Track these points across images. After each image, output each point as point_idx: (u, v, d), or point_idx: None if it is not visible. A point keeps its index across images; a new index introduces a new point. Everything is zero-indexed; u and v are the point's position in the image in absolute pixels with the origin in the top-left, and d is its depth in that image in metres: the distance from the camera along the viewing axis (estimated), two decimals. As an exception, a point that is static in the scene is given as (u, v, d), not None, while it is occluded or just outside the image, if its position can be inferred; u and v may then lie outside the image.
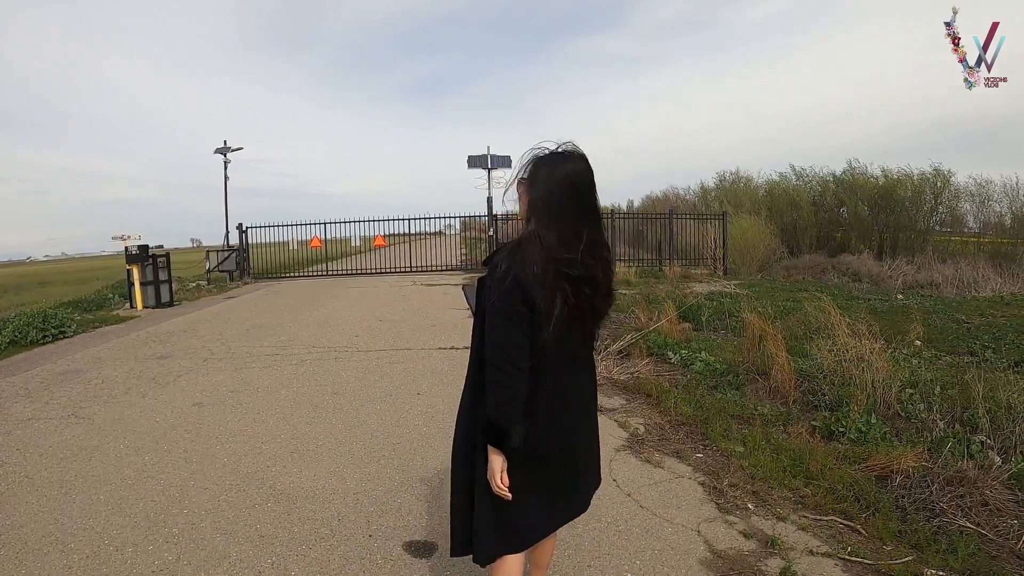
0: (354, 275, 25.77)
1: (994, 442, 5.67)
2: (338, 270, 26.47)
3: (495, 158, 27.09)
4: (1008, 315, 13.65)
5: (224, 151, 27.18)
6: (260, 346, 10.78)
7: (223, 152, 27.19)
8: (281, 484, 5.13)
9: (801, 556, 4.02)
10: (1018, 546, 4.17)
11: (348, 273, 26.11)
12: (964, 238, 30.46)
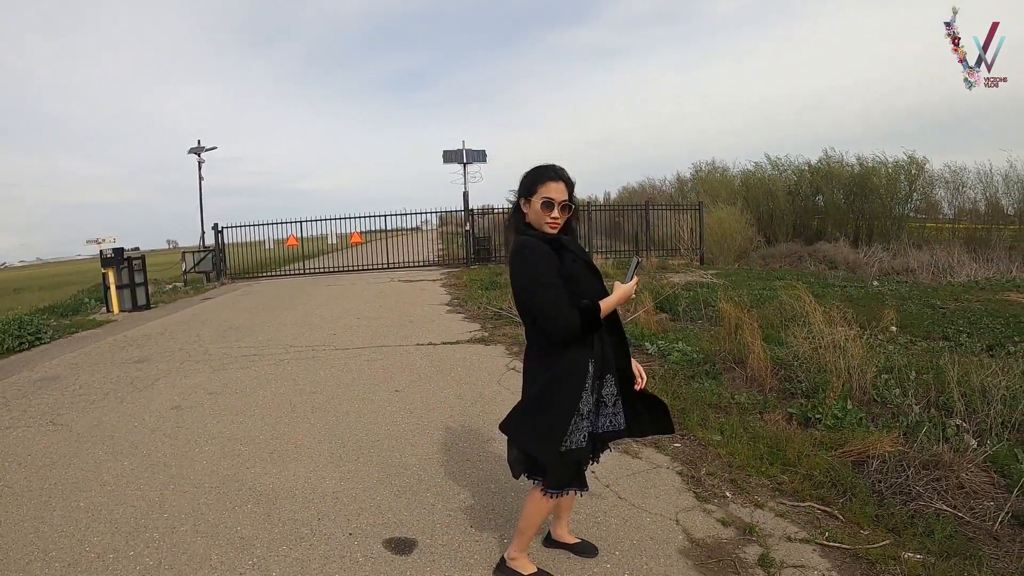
0: (331, 273, 25.73)
1: (969, 425, 5.72)
2: (315, 268, 26.38)
3: (470, 152, 27.06)
4: (983, 300, 13.77)
5: (198, 151, 27.06)
6: (238, 347, 10.75)
7: (197, 152, 27.07)
8: (260, 485, 5.11)
9: (779, 542, 4.04)
10: (995, 527, 4.21)
11: (325, 271, 26.05)
12: (939, 224, 30.71)
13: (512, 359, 9.13)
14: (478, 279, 19.25)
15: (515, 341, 10.21)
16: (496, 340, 10.48)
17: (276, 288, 21.28)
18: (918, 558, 3.82)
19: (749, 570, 3.76)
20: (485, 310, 13.32)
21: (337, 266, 26.23)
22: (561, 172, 3.32)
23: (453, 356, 9.47)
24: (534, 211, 3.27)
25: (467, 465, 5.39)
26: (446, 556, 3.95)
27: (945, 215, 31.30)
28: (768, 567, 3.76)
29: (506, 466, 4.47)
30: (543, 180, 3.26)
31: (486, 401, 7.18)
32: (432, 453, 5.68)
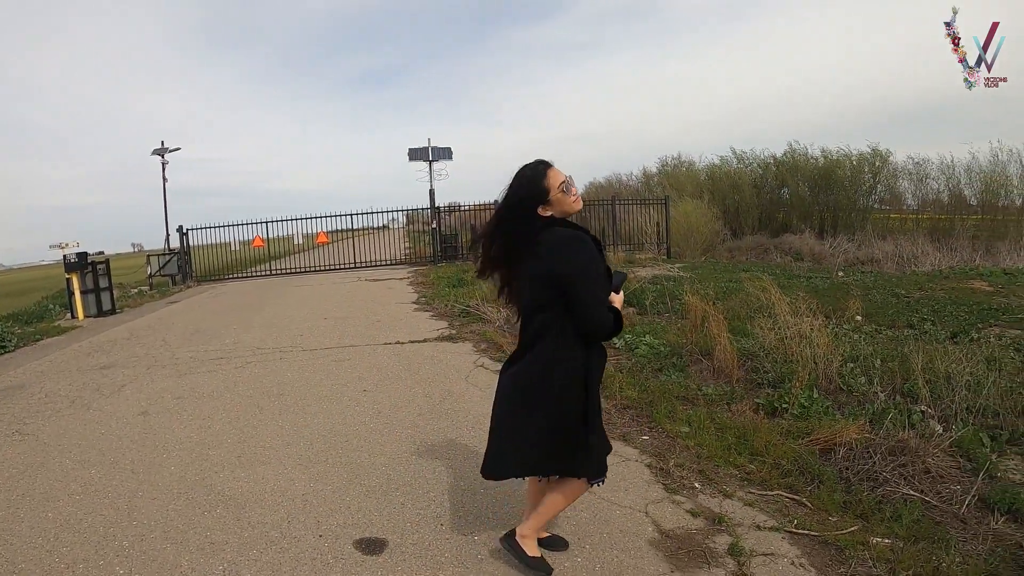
0: (298, 273, 25.61)
1: (934, 411, 5.79)
2: (282, 269, 26.25)
3: (436, 150, 27.02)
4: (946, 288, 13.91)
5: (161, 152, 26.75)
6: (204, 350, 10.67)
7: (160, 153, 26.75)
8: (229, 489, 5.08)
9: (748, 531, 4.07)
10: (962, 510, 4.26)
11: (292, 272, 25.92)
12: (903, 215, 31.02)
13: (480, 356, 9.16)
14: (445, 277, 19.21)
15: (482, 338, 10.22)
16: (464, 338, 10.47)
17: (242, 290, 21.15)
18: (886, 543, 3.86)
19: (719, 560, 3.78)
20: (452, 308, 13.30)
21: (304, 267, 26.11)
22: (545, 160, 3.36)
23: (421, 354, 9.46)
24: (557, 202, 3.26)
25: (436, 463, 5.38)
26: (416, 555, 3.94)
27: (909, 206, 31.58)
28: (738, 556, 3.79)
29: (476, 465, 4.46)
30: (544, 174, 3.28)
31: (454, 399, 7.17)
32: (401, 452, 5.67)
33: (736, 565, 3.72)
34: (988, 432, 5.38)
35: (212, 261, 26.08)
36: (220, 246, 26.05)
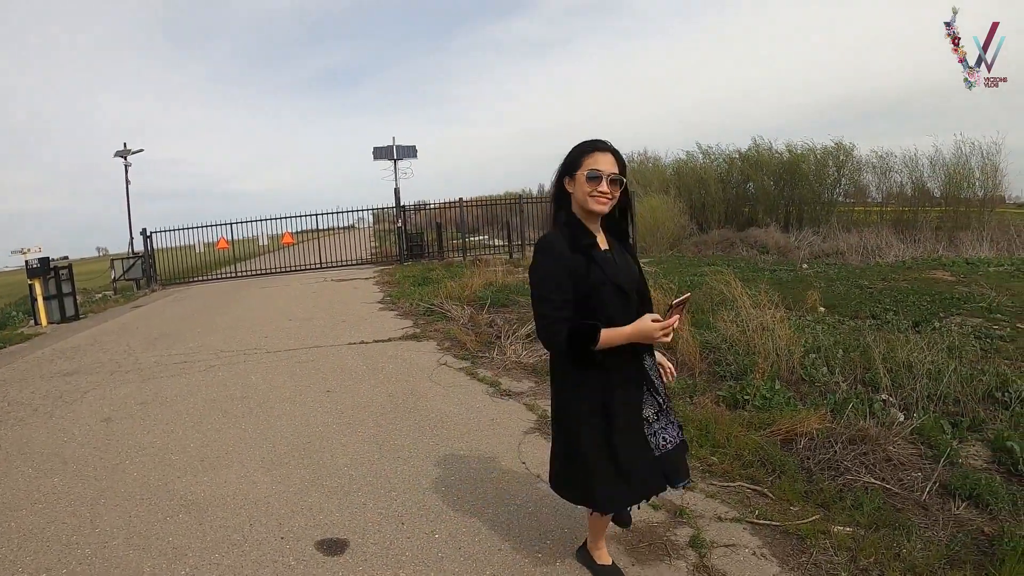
0: (264, 275, 25.36)
1: (895, 400, 5.83)
2: (247, 271, 25.98)
3: (400, 148, 26.85)
4: (909, 279, 14.06)
5: (124, 154, 26.36)
6: (168, 355, 10.56)
7: (123, 155, 26.36)
8: (192, 494, 5.03)
9: (710, 523, 4.08)
10: (923, 497, 4.29)
11: (257, 273, 25.67)
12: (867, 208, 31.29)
13: (443, 354, 9.14)
14: (411, 275, 19.21)
15: (446, 336, 10.21)
16: (428, 336, 10.46)
17: (207, 293, 20.95)
18: (847, 531, 3.88)
19: (680, 552, 3.79)
20: (417, 306, 13.26)
21: (270, 268, 25.86)
22: (609, 145, 3.06)
23: (385, 354, 9.43)
24: (579, 187, 3.02)
25: (398, 463, 5.36)
26: (378, 555, 3.93)
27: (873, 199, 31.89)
28: (699, 548, 3.80)
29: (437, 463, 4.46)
30: (589, 151, 3.03)
31: (417, 398, 7.15)
32: (363, 452, 5.64)
33: (697, 557, 3.73)
34: (949, 419, 5.44)
35: (177, 264, 25.69)
36: (185, 249, 25.72)
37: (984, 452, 5.01)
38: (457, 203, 26.67)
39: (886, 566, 3.52)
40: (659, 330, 2.87)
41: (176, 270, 25.57)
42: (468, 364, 8.39)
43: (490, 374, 7.89)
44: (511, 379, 7.63)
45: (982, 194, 26.66)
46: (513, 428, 6.06)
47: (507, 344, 8.90)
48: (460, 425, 6.22)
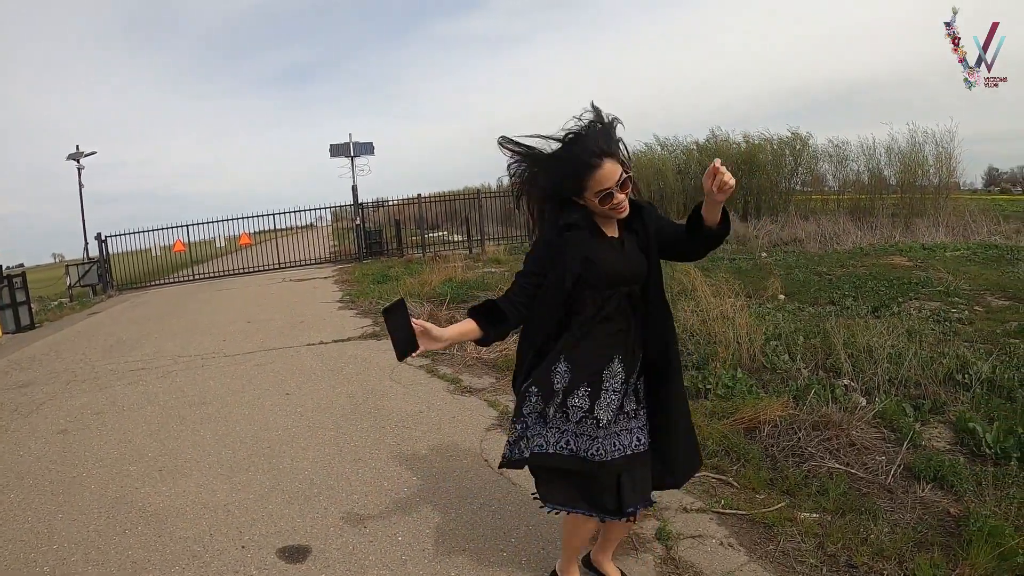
0: (221, 277, 25.10)
1: (857, 384, 5.87)
2: (205, 274, 25.65)
3: (357, 145, 26.62)
4: (868, 265, 14.19)
5: (77, 156, 25.91)
6: (124, 362, 10.40)
7: (76, 158, 25.92)
8: (151, 505, 4.92)
9: (676, 515, 4.07)
10: (888, 480, 4.32)
11: (215, 276, 25.37)
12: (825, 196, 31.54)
13: (403, 352, 8.98)
14: (370, 273, 19.12)
15: (407, 334, 10.03)
16: (388, 334, 10.23)
17: (164, 297, 20.71)
18: (814, 517, 3.90)
19: (647, 545, 3.78)
20: (376, 304, 13.21)
21: (228, 270, 25.55)
22: (606, 147, 2.73)
23: (344, 354, 9.37)
24: (591, 203, 2.78)
25: (358, 465, 5.30)
26: (340, 560, 3.87)
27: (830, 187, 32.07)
28: (665, 540, 3.79)
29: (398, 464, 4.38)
30: (588, 170, 2.70)
31: (377, 398, 7.09)
32: (324, 455, 5.58)
33: (664, 549, 3.72)
34: (911, 402, 5.48)
35: (133, 269, 25.39)
36: (141, 253, 25.37)
37: (947, 434, 5.06)
38: (416, 199, 26.58)
39: (854, 551, 3.52)
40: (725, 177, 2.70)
41: (133, 275, 25.23)
42: (428, 362, 8.32)
43: (450, 371, 7.85)
44: (472, 375, 7.61)
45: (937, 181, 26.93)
46: (475, 425, 6.03)
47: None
48: (421, 424, 6.18)
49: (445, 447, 5.55)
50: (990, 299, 10.06)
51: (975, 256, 15.33)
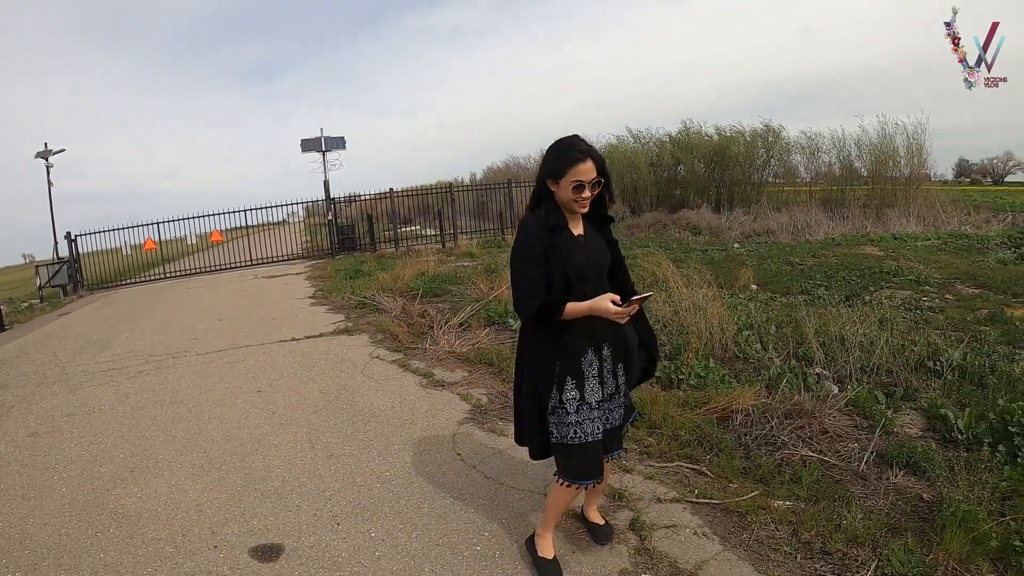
0: (193, 275, 24.75)
1: (829, 373, 5.91)
2: (176, 272, 25.24)
3: (329, 140, 26.42)
4: (839, 255, 14.30)
5: (45, 155, 25.50)
6: (95, 362, 10.28)
7: (44, 156, 25.49)
8: (122, 507, 4.88)
9: (649, 505, 4.09)
10: (860, 467, 4.35)
11: (187, 274, 25.01)
12: (797, 188, 31.75)
13: (375, 347, 9.07)
14: (342, 269, 18.99)
15: (379, 329, 10.12)
16: (360, 330, 10.36)
17: (136, 296, 20.45)
18: (787, 505, 3.92)
19: (621, 535, 3.79)
20: (349, 300, 13.17)
21: (199, 267, 25.21)
22: (590, 150, 3.22)
23: (316, 350, 9.31)
24: (564, 192, 3.22)
25: (332, 461, 5.27)
26: (313, 558, 3.85)
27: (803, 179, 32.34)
28: (639, 531, 3.81)
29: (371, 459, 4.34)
30: (573, 163, 3.17)
31: (349, 393, 7.06)
32: (296, 452, 5.54)
33: (638, 540, 3.74)
34: (883, 390, 5.54)
35: (104, 268, 25.02)
36: (111, 252, 25.04)
37: (919, 420, 5.10)
38: (388, 194, 26.49)
39: (828, 537, 3.55)
40: (614, 312, 3.03)
41: (103, 274, 24.88)
42: (401, 356, 8.32)
43: (423, 365, 7.83)
44: (444, 369, 7.58)
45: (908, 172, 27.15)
46: (447, 419, 6.01)
47: (440, 334, 8.81)
48: (394, 419, 6.16)
49: (418, 442, 5.53)
50: (960, 287, 10.18)
51: (945, 246, 15.52)
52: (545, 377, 3.26)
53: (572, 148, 3.20)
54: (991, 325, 7.58)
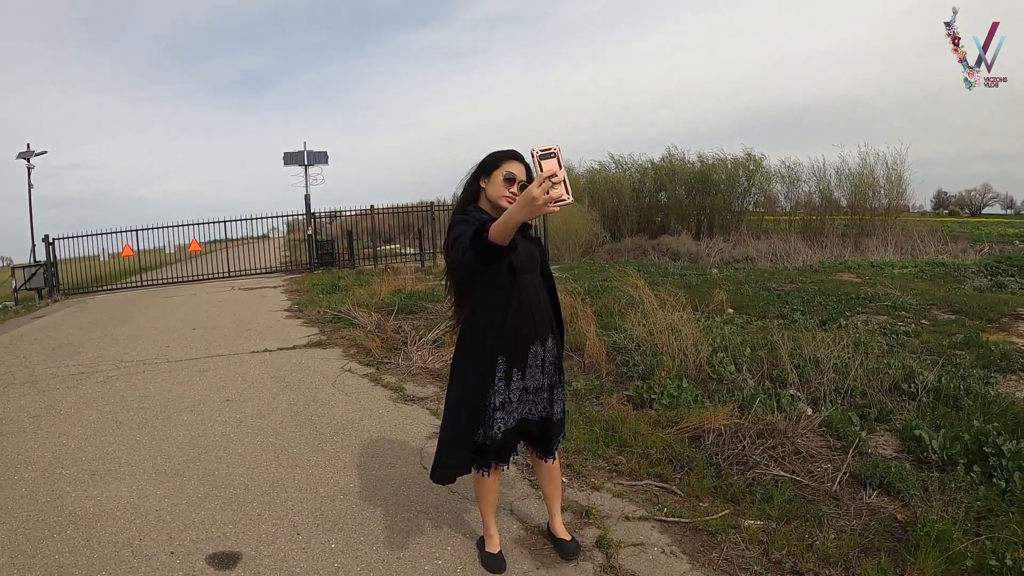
0: (171, 284, 24.53)
1: (803, 394, 5.89)
2: (153, 280, 25.08)
3: (311, 154, 26.33)
4: (816, 281, 14.36)
5: (27, 156, 25.21)
6: (65, 366, 10.15)
7: (26, 157, 25.21)
8: (81, 509, 4.78)
9: (617, 523, 4.02)
10: (834, 488, 4.31)
11: (164, 283, 24.81)
12: (776, 216, 32.05)
13: (348, 361, 9.00)
14: (320, 283, 18.89)
15: (352, 343, 10.06)
16: (333, 343, 10.29)
17: (111, 303, 20.21)
18: (759, 524, 3.88)
19: (587, 553, 3.73)
20: (324, 314, 13.11)
21: (177, 277, 24.96)
22: (521, 156, 3.38)
23: (289, 361, 9.24)
24: (494, 185, 3.34)
25: (295, 471, 5.19)
26: (271, 567, 3.77)
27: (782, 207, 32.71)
28: (606, 548, 3.75)
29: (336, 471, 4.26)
30: (507, 159, 3.37)
31: (319, 405, 6.99)
32: (260, 462, 5.46)
33: (604, 558, 3.68)
34: (857, 411, 5.52)
35: (81, 273, 24.80)
36: (89, 258, 24.81)
37: (893, 441, 5.10)
38: (369, 211, 26.42)
39: (799, 557, 3.52)
40: (537, 186, 2.61)
41: (80, 279, 24.64)
42: (373, 370, 8.27)
43: (395, 380, 7.76)
44: (416, 384, 7.52)
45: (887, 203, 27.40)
46: (415, 433, 5.95)
47: (413, 350, 8.77)
48: (361, 432, 6.09)
49: (385, 455, 5.47)
50: (937, 313, 10.21)
51: (923, 273, 15.62)
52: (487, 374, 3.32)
53: (508, 150, 3.43)
54: (966, 349, 7.59)
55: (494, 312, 3.28)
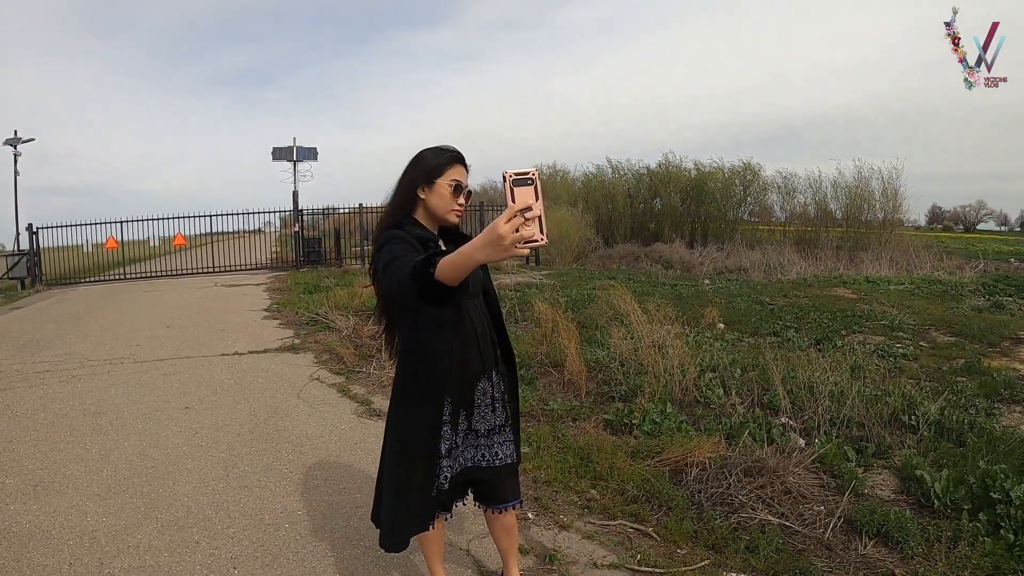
0: (155, 278, 24.23)
1: (796, 423, 5.61)
2: (137, 273, 24.79)
3: (301, 150, 26.11)
4: (811, 295, 14.19)
5: (14, 142, 24.97)
6: (31, 362, 9.82)
7: (13, 144, 24.97)
8: (16, 524, 4.47)
9: (584, 570, 3.67)
10: (826, 535, 3.97)
11: (146, 276, 24.50)
12: (771, 227, 32.12)
13: (318, 368, 8.72)
14: (303, 283, 18.64)
15: (326, 348, 9.78)
16: (307, 348, 10.03)
17: (91, 295, 19.94)
18: (741, 578, 3.50)
19: (550, 603, 3.34)
20: (302, 315, 12.87)
21: (160, 271, 24.63)
22: (463, 156, 2.89)
23: (257, 367, 8.94)
24: (439, 196, 2.81)
25: (243, 493, 4.85)
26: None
27: (777, 218, 32.86)
28: (571, 599, 3.36)
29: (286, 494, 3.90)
30: (452, 162, 2.83)
31: (280, 417, 6.68)
32: (208, 480, 5.13)
33: (569, 609, 3.29)
34: (853, 445, 5.20)
35: (65, 264, 24.51)
36: (73, 248, 24.58)
37: (892, 481, 4.77)
38: (358, 210, 26.11)
39: (786, 619, 3.14)
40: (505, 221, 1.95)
41: (63, 270, 24.33)
42: (342, 380, 7.99)
43: (363, 391, 7.48)
44: (384, 397, 7.13)
45: (882, 216, 27.45)
46: (376, 455, 5.57)
47: (387, 358, 8.40)
48: (319, 450, 5.78)
49: (339, 478, 5.16)
50: (935, 334, 9.96)
51: (919, 290, 15.60)
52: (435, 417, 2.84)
53: (447, 149, 2.86)
54: (968, 376, 7.32)
55: (435, 349, 2.78)
